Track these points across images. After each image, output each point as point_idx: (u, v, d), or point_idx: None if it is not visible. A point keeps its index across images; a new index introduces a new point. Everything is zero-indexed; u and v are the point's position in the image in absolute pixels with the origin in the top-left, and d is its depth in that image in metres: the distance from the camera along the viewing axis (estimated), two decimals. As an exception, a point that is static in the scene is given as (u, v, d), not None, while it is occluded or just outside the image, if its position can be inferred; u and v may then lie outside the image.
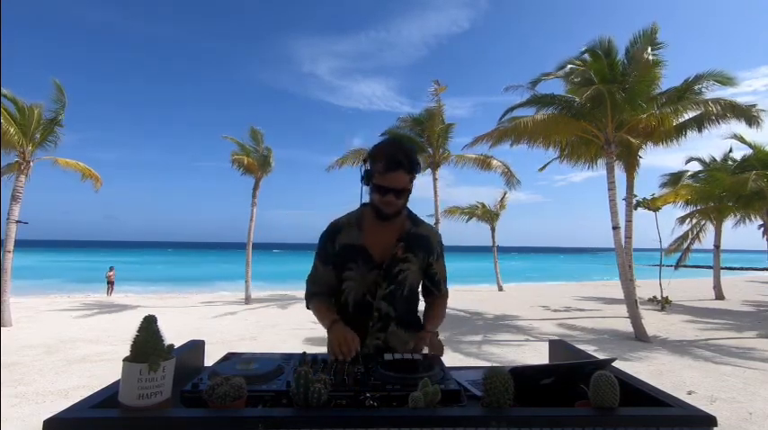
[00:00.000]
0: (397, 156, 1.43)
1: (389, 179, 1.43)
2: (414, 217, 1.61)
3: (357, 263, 1.52)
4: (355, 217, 1.58)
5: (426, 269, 1.61)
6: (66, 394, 4.23)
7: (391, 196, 1.45)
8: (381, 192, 1.45)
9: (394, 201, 1.46)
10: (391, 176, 1.43)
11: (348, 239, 1.53)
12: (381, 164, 1.43)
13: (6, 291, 7.99)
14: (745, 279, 26.56)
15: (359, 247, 1.52)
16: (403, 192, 1.47)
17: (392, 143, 1.54)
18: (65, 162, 9.47)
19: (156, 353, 0.92)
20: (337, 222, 1.58)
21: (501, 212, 19.11)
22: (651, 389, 1.09)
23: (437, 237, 1.63)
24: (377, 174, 1.44)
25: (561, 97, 8.72)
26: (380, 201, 1.47)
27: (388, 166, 1.42)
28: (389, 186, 1.44)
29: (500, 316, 10.28)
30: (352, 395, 1.02)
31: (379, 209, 1.49)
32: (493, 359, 5.94)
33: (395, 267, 1.52)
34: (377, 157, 1.45)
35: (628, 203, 9.04)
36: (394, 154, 1.43)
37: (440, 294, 1.66)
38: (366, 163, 1.51)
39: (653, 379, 4.78)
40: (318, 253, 1.59)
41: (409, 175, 1.48)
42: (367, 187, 1.53)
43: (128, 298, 14.37)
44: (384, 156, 1.43)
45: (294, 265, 35.90)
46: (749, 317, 10.39)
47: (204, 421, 0.90)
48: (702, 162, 15.23)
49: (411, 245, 1.55)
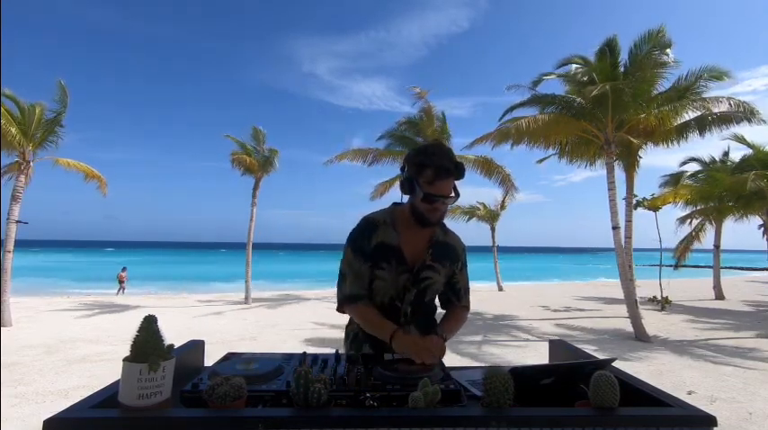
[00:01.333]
0: (447, 163, 1.39)
1: (440, 187, 1.39)
2: (443, 225, 1.59)
3: (390, 263, 1.48)
4: (390, 216, 1.53)
5: (450, 279, 1.59)
6: (67, 394, 4.24)
7: (440, 203, 1.42)
8: (430, 201, 1.40)
9: (442, 208, 1.44)
10: (441, 184, 1.39)
11: (385, 238, 1.49)
12: (431, 172, 1.38)
13: (6, 290, 7.99)
14: (745, 279, 26.57)
15: (395, 248, 1.49)
16: (449, 199, 1.43)
17: (439, 150, 1.44)
18: (66, 162, 9.46)
19: (156, 353, 0.92)
20: (373, 218, 1.52)
21: (501, 212, 19.12)
22: (651, 389, 1.09)
23: (463, 247, 1.62)
24: (424, 182, 1.39)
25: (561, 97, 8.72)
26: (428, 209, 1.42)
27: (438, 175, 1.37)
28: (440, 194, 1.40)
29: (500, 316, 10.27)
30: (352, 395, 1.02)
31: (424, 216, 1.44)
32: (493, 359, 5.94)
33: (422, 273, 1.51)
34: (425, 165, 1.39)
35: (628, 203, 9.04)
36: (443, 162, 1.38)
37: (460, 305, 1.62)
38: (405, 169, 1.46)
39: (653, 379, 4.78)
40: (354, 249, 1.49)
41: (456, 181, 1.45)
42: (405, 195, 1.47)
43: (128, 298, 14.37)
44: (433, 163, 1.38)
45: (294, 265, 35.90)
46: (749, 317, 10.39)
47: (204, 421, 0.90)
48: (702, 162, 15.24)
49: (439, 253, 1.53)
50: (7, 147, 8.34)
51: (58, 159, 9.28)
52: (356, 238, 1.50)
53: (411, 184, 1.42)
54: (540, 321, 9.49)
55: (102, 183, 10.03)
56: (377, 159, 14.33)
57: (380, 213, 1.55)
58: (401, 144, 14.81)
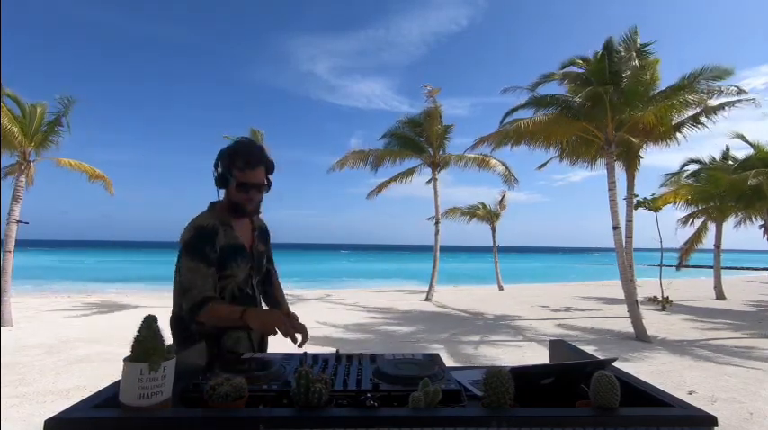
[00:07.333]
0: (256, 152, 1.54)
1: (251, 175, 1.52)
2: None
3: (237, 261, 1.57)
4: (216, 217, 1.57)
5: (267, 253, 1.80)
6: (67, 394, 4.24)
7: (253, 192, 1.55)
8: (245, 189, 1.53)
9: (256, 197, 1.57)
10: (253, 173, 1.52)
11: (228, 240, 1.56)
12: (241, 160, 1.51)
13: (7, 290, 7.99)
14: (745, 279, 26.53)
15: (239, 246, 1.59)
16: (261, 187, 1.57)
17: (249, 142, 1.62)
18: (68, 162, 9.44)
19: (156, 352, 0.92)
20: (208, 224, 1.53)
21: (501, 212, 19.11)
22: (652, 389, 1.09)
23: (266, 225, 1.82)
24: (237, 171, 1.51)
25: (561, 98, 8.72)
26: (244, 198, 1.55)
27: (248, 162, 1.51)
28: (252, 182, 1.53)
29: (500, 316, 10.27)
30: (352, 395, 1.02)
31: (240, 205, 1.56)
32: (493, 359, 5.93)
33: (261, 259, 1.71)
34: (236, 155, 1.52)
35: (628, 203, 9.04)
36: (252, 150, 1.54)
37: (275, 271, 1.88)
38: (218, 165, 1.56)
39: (653, 379, 4.77)
40: (194, 257, 1.47)
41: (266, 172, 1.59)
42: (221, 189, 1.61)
43: (128, 298, 14.37)
44: (243, 153, 1.52)
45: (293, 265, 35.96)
46: (750, 317, 10.38)
47: (204, 421, 0.90)
48: (702, 163, 15.22)
49: (262, 237, 1.74)
50: (9, 147, 8.34)
51: (60, 160, 9.28)
52: (195, 246, 1.48)
53: (224, 177, 1.54)
54: (541, 321, 9.48)
55: (108, 182, 10.04)
56: (378, 162, 14.36)
57: (207, 217, 1.56)
58: (402, 144, 14.83)
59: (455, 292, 16.97)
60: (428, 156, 14.70)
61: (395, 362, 1.28)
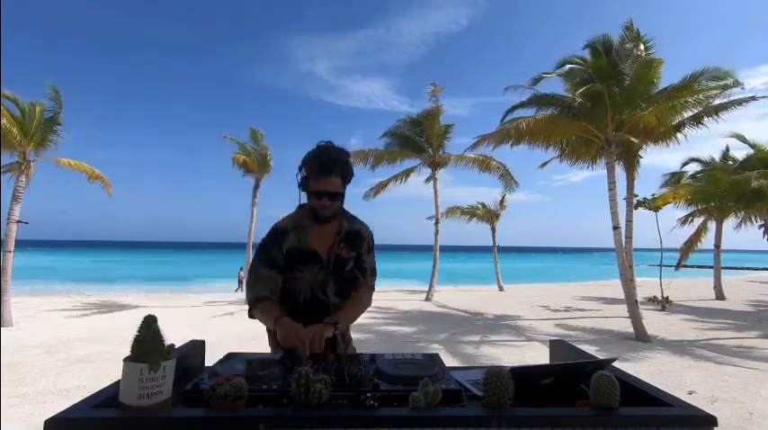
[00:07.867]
0: (327, 162, 1.54)
1: (322, 184, 1.53)
2: (349, 216, 1.71)
3: (306, 265, 1.60)
4: (298, 219, 1.63)
5: (356, 259, 1.69)
6: (67, 394, 4.24)
7: (325, 200, 1.55)
8: (317, 197, 1.55)
9: (329, 205, 1.56)
10: (324, 181, 1.53)
11: (295, 243, 1.59)
12: (313, 169, 1.54)
13: (7, 290, 7.99)
14: (745, 279, 26.54)
15: (307, 250, 1.60)
16: (336, 195, 1.57)
17: (326, 149, 1.59)
18: (68, 162, 9.44)
19: (156, 352, 0.92)
20: (282, 226, 1.62)
21: (501, 212, 19.12)
22: (652, 389, 1.09)
23: (369, 233, 1.74)
24: (311, 179, 1.55)
25: (561, 97, 8.71)
26: (318, 204, 1.56)
27: (320, 172, 1.53)
28: (323, 190, 1.54)
29: (500, 316, 10.27)
30: (352, 395, 1.02)
31: (316, 211, 1.58)
32: (493, 359, 5.93)
33: (344, 266, 1.65)
34: (312, 164, 1.55)
35: (628, 203, 9.03)
36: (323, 159, 1.54)
37: (366, 284, 1.70)
38: (301, 170, 1.60)
39: (653, 379, 4.77)
40: (261, 258, 1.60)
41: (341, 180, 1.58)
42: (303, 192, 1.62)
43: (128, 297, 14.37)
44: (316, 161, 1.54)
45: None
46: (750, 317, 10.38)
47: (204, 421, 0.90)
48: (702, 163, 15.22)
49: (348, 242, 1.67)
50: (8, 148, 8.34)
51: (60, 160, 9.28)
52: (263, 246, 1.61)
53: (305, 181, 1.57)
54: (541, 321, 9.48)
55: (107, 183, 10.03)
56: (377, 162, 14.35)
57: (287, 220, 1.65)
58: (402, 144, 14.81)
59: (455, 292, 16.98)
60: (428, 156, 14.70)
61: (395, 362, 1.28)
